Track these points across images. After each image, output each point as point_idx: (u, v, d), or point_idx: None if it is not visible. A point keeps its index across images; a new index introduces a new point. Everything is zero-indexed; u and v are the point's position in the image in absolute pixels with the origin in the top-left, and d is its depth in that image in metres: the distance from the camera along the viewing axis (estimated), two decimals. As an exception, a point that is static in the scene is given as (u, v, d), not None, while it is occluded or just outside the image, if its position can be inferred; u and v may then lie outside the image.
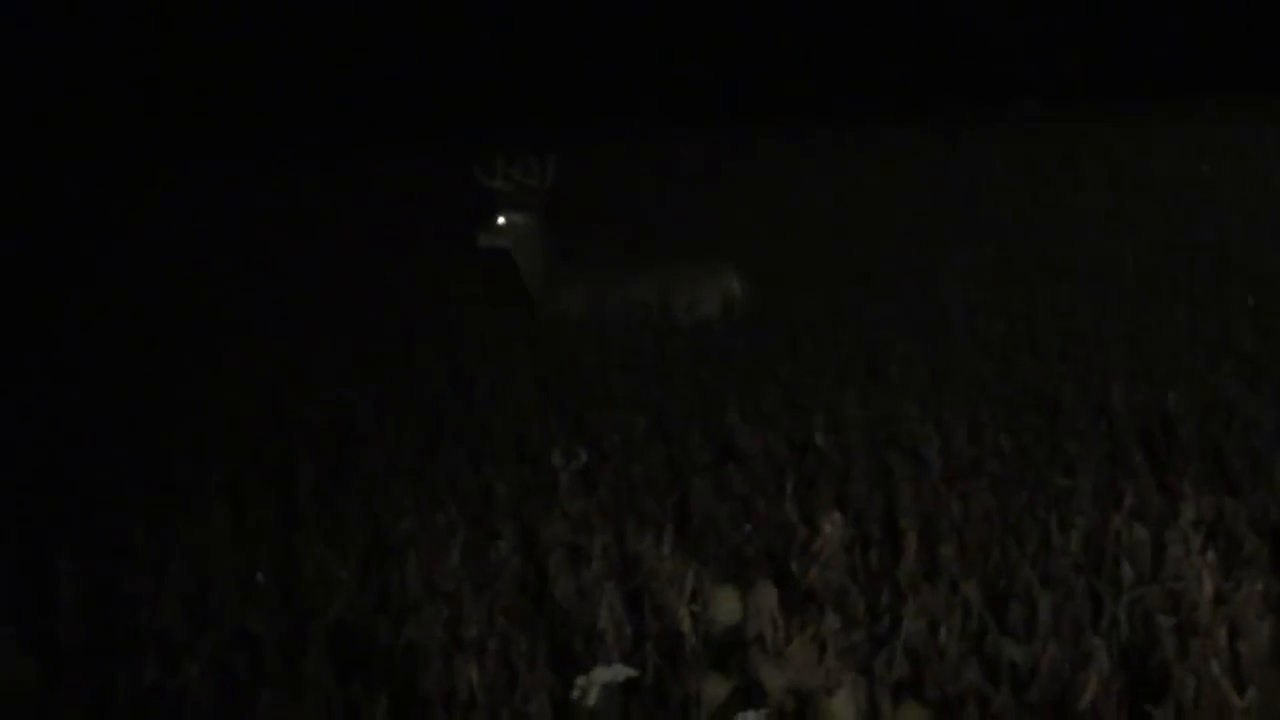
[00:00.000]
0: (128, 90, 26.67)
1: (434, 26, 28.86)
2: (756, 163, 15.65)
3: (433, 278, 11.47)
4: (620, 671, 4.31)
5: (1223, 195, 13.70)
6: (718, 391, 7.84)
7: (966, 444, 6.56)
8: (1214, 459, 6.22)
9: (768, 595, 4.61)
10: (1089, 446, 6.50)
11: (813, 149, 16.23)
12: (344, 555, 5.36)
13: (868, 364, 8.32)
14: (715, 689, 4.30)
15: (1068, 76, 23.57)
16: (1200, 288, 9.91)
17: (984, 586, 4.95)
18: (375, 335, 9.66)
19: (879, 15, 29.39)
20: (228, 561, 5.43)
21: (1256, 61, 26.25)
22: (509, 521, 5.80)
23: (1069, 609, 4.76)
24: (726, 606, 4.69)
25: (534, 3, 29.15)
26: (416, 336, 9.55)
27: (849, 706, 4.18)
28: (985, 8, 28.05)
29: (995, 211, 12.81)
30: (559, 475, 6.04)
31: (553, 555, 5.23)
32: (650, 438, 6.95)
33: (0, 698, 4.52)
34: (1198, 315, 8.98)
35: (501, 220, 10.09)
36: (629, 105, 24.23)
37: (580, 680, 4.28)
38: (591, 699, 4.24)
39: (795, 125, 18.47)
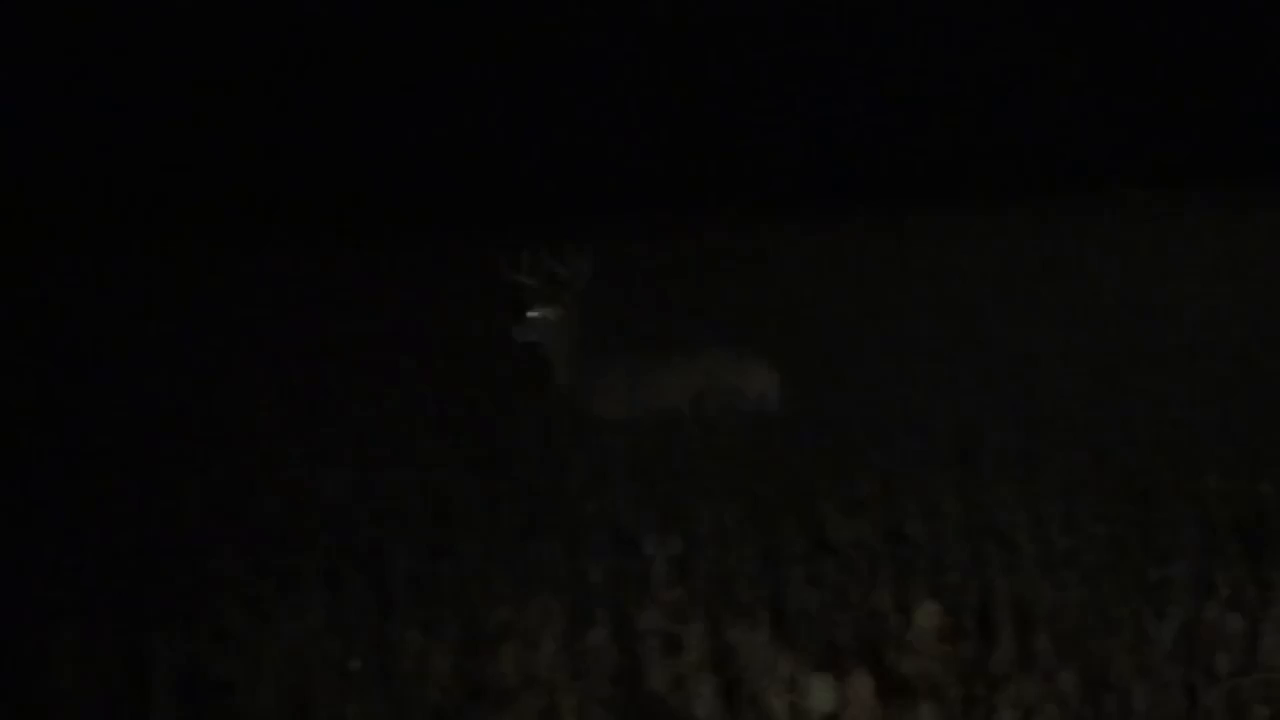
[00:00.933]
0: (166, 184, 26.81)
1: (464, 124, 28.94)
2: (840, 249, 15.64)
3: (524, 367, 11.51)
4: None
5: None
6: (811, 480, 7.84)
7: (1061, 533, 6.54)
8: (1308, 549, 6.18)
9: (863, 685, 4.60)
10: (1183, 536, 6.46)
11: (908, 235, 16.22)
12: (440, 643, 5.37)
13: (961, 452, 8.30)
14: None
15: (1161, 163, 23.38)
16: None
17: (1079, 676, 4.93)
18: (470, 424, 9.70)
19: (959, 96, 29.36)
20: (324, 648, 5.46)
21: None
22: (604, 610, 5.81)
23: (1164, 699, 4.73)
24: (822, 696, 4.69)
25: (571, 97, 29.20)
26: (511, 424, 9.59)
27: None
28: (1076, 93, 27.98)
29: (1089, 298, 12.76)
30: (653, 563, 6.04)
31: (647, 644, 5.24)
32: (744, 526, 6.95)
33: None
34: (1293, 404, 8.92)
35: (532, 314, 10.13)
36: (673, 195, 24.18)
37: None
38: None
39: (888, 212, 18.44)
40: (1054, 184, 22.54)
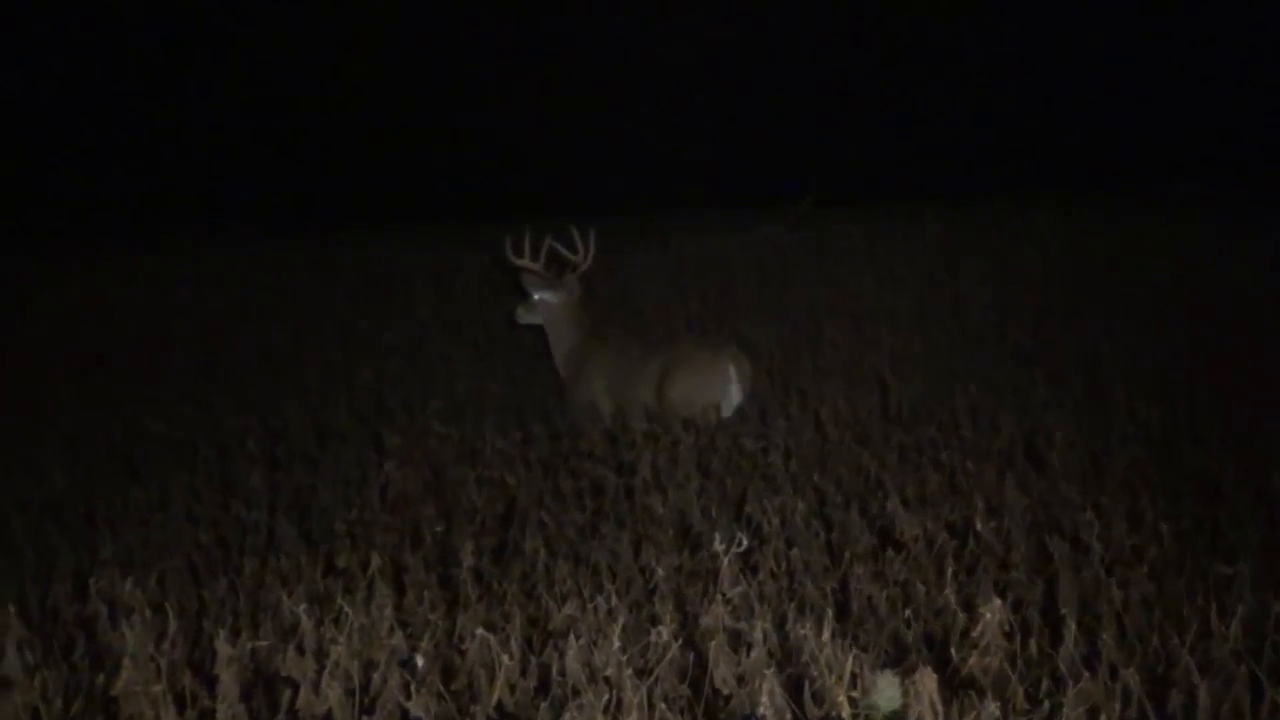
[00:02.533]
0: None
1: (467, 117, 28.98)
2: (905, 244, 15.57)
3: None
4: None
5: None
6: (878, 476, 7.84)
7: (1127, 530, 6.53)
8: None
9: (928, 682, 4.60)
10: (1249, 532, 6.44)
11: (969, 229, 16.15)
12: (505, 639, 5.40)
13: (1028, 449, 8.29)
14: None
15: (1230, 156, 23.19)
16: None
17: (1144, 674, 4.92)
18: (537, 418, 9.73)
19: (1023, 90, 29.27)
20: (390, 645, 5.49)
21: None
22: (669, 607, 5.83)
23: (1229, 696, 4.72)
24: (887, 693, 4.69)
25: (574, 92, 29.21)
26: (577, 419, 9.63)
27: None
28: (1141, 84, 27.85)
29: (1154, 294, 12.69)
30: (719, 560, 6.05)
31: (713, 641, 5.24)
32: (810, 523, 6.96)
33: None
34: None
35: (536, 297, 10.17)
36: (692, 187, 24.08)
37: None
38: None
39: (955, 205, 18.36)
40: (1122, 177, 22.30)
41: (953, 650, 5.29)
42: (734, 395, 9.32)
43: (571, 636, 5.27)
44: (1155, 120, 26.48)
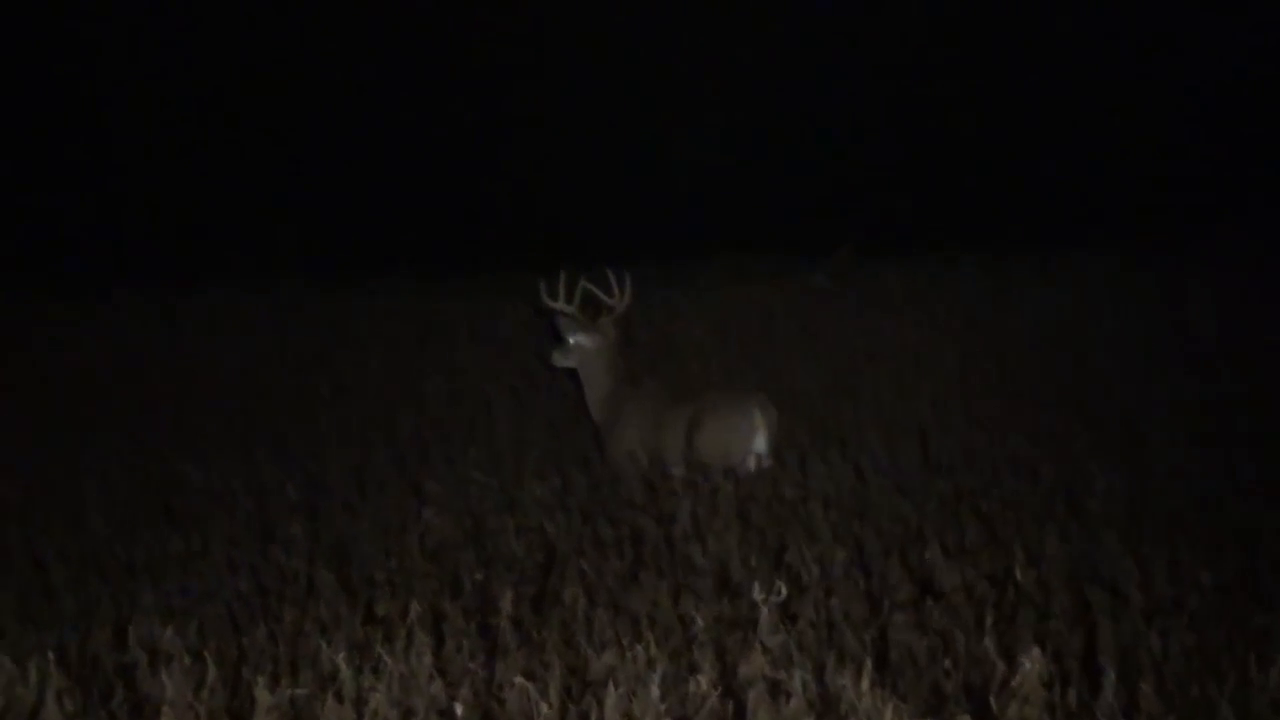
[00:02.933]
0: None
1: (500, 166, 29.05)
2: (946, 292, 15.53)
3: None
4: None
5: None
6: (918, 525, 7.83)
7: (1166, 580, 6.51)
8: None
9: (966, 732, 4.60)
10: (1289, 583, 6.43)
11: (1011, 277, 16.11)
12: (544, 688, 5.39)
13: (1068, 499, 8.27)
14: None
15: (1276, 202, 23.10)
16: None
17: (1184, 725, 4.90)
18: (576, 466, 9.74)
19: (1066, 138, 29.24)
20: (429, 693, 5.49)
21: None
22: (708, 656, 5.83)
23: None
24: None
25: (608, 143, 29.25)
26: (616, 467, 9.63)
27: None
28: (1185, 129, 27.80)
29: (1194, 343, 12.65)
30: (758, 609, 6.04)
31: (752, 690, 5.24)
32: (850, 572, 6.95)
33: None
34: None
35: (571, 341, 10.17)
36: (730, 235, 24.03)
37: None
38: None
39: (997, 253, 18.33)
40: (1164, 224, 22.24)
41: (992, 700, 5.28)
42: (761, 444, 9.29)
43: (611, 685, 5.28)
44: (1200, 167, 26.41)
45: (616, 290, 10.20)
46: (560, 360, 10.29)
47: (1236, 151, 26.46)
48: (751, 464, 9.19)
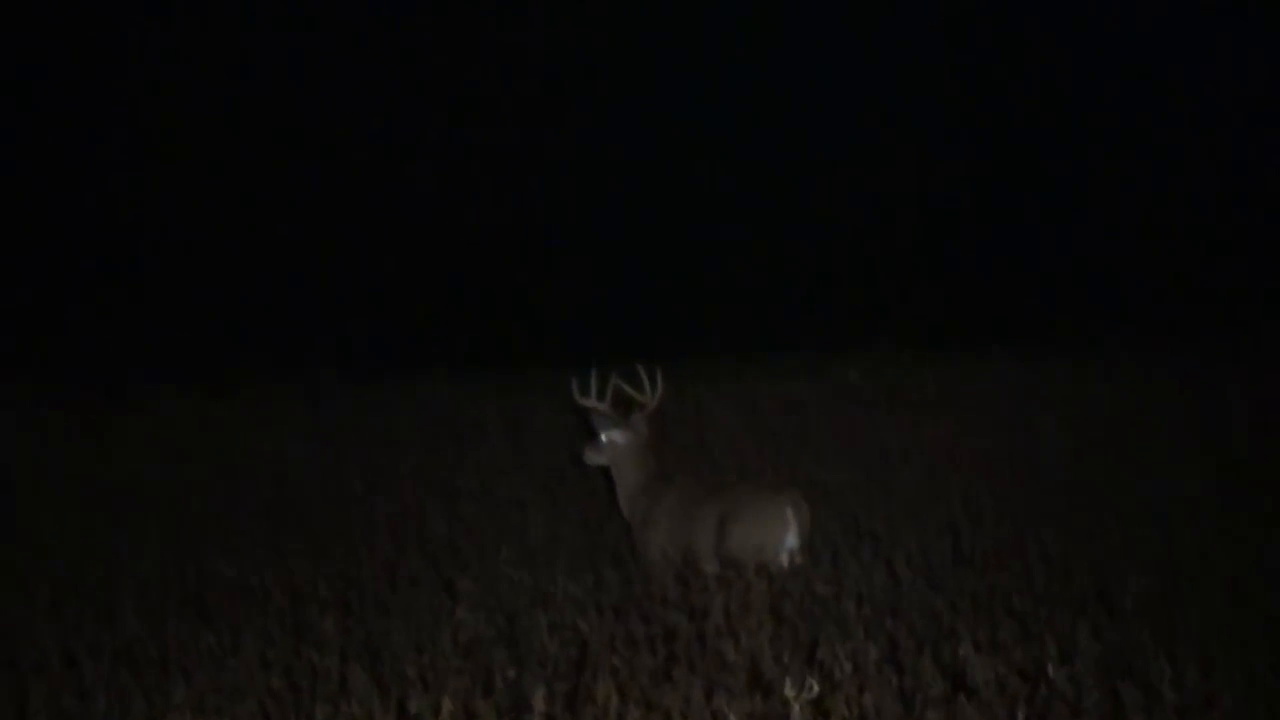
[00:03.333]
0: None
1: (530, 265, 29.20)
2: (979, 388, 15.54)
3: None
4: None
5: None
6: (950, 622, 7.82)
7: (1200, 677, 6.49)
8: None
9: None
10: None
11: (1044, 373, 16.11)
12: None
13: (1101, 595, 8.25)
14: None
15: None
16: None
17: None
18: (609, 563, 9.75)
19: (1100, 234, 29.29)
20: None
21: None
22: (740, 752, 5.83)
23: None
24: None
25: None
26: (648, 564, 9.63)
27: None
28: (1226, 229, 27.83)
29: (1230, 439, 12.62)
30: (791, 706, 6.04)
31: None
32: (882, 668, 6.95)
33: None
34: None
35: (603, 437, 10.19)
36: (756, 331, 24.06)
37: None
38: None
39: (1030, 349, 18.34)
40: (1197, 321, 22.21)
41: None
42: (794, 540, 9.26)
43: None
44: (1237, 266, 26.42)
45: (648, 386, 10.23)
46: (593, 458, 10.29)
47: (1271, 252, 26.50)
48: (784, 560, 9.18)
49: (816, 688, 6.21)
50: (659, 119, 30.85)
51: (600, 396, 10.15)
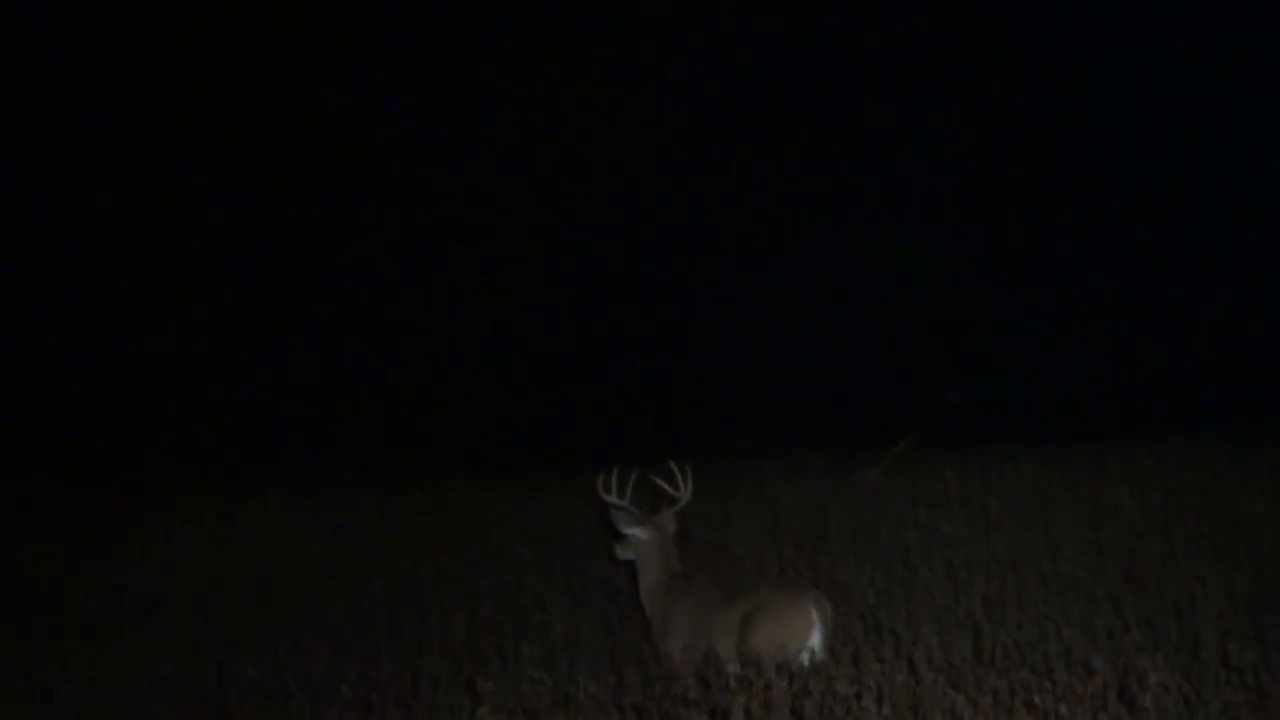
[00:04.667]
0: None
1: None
2: (999, 486, 15.50)
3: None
4: None
5: None
6: (971, 719, 7.82)
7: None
8: None
9: None
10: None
11: (1064, 471, 16.07)
12: None
13: (1121, 692, 8.25)
14: None
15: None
16: None
17: None
18: (630, 663, 9.78)
19: (1118, 332, 29.35)
20: None
21: None
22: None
23: None
24: None
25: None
26: (669, 664, 9.65)
27: None
28: (1237, 326, 27.87)
29: (1249, 535, 12.61)
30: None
31: None
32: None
33: None
34: None
35: (627, 534, 10.25)
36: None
37: None
38: None
39: (1050, 447, 18.33)
40: (1219, 417, 22.19)
41: None
42: (817, 640, 9.27)
43: None
44: (1252, 362, 26.45)
45: (681, 481, 10.32)
46: (622, 553, 10.38)
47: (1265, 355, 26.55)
48: (805, 659, 9.19)
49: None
50: (678, 215, 31.06)
51: (621, 494, 10.23)
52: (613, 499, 10.24)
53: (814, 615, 9.32)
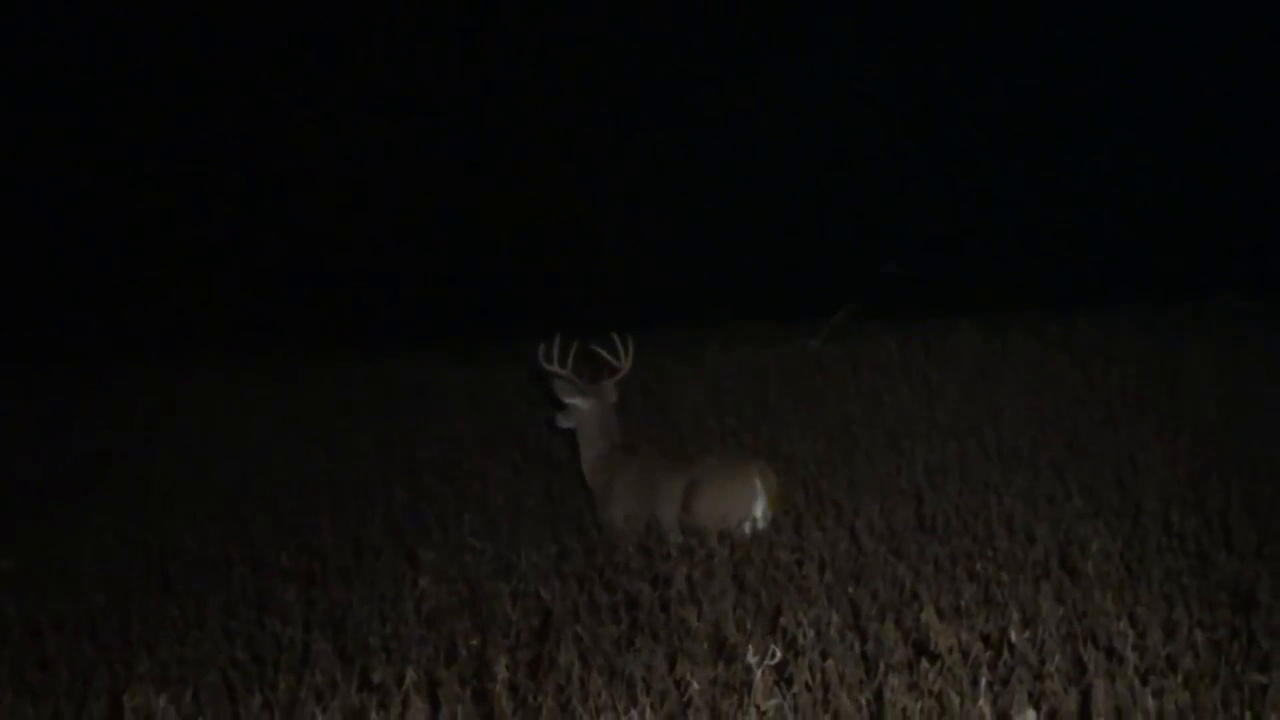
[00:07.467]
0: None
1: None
2: (941, 356, 15.47)
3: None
4: None
5: None
6: (913, 588, 7.83)
7: (1161, 640, 6.51)
8: None
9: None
10: (1283, 642, 6.42)
11: (1005, 340, 16.07)
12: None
13: (1063, 560, 8.27)
14: None
15: (1273, 269, 23.10)
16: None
17: (1179, 783, 4.90)
18: (571, 532, 9.76)
19: (1062, 201, 29.33)
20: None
21: None
22: (704, 719, 5.82)
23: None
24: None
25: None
26: (610, 533, 9.64)
27: None
28: (1182, 196, 27.90)
29: (1190, 404, 12.65)
30: (754, 673, 6.05)
31: (746, 753, 5.23)
32: (845, 635, 6.95)
33: None
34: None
35: (567, 403, 10.24)
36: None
37: None
38: None
39: (990, 317, 18.31)
40: (1159, 289, 22.21)
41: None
42: (760, 509, 9.28)
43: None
44: (1196, 232, 26.48)
45: (622, 352, 10.28)
46: (562, 422, 10.36)
47: (1227, 217, 26.59)
48: (747, 528, 9.19)
49: (779, 654, 6.20)
50: (626, 100, 30.84)
51: (563, 363, 10.19)
52: (554, 368, 10.20)
53: (757, 485, 9.32)
